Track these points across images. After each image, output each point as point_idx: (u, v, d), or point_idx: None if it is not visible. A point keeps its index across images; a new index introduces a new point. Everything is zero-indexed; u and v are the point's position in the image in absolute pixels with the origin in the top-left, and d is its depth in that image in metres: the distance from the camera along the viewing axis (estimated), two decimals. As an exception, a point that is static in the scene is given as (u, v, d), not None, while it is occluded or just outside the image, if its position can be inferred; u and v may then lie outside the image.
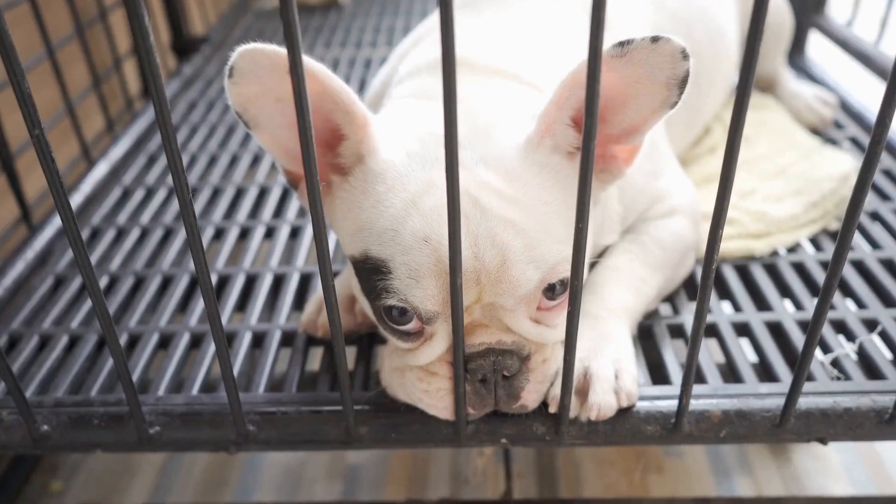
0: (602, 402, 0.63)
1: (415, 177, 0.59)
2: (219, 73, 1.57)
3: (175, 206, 1.10)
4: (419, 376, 0.63)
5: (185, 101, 1.45)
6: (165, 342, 0.83)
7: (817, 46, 1.47)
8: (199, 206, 1.09)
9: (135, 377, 0.77)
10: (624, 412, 0.66)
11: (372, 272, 0.60)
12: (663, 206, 0.81)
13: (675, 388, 0.69)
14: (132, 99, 1.50)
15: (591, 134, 0.48)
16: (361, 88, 1.45)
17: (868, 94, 1.24)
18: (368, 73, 1.51)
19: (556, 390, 0.64)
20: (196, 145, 1.27)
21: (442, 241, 0.57)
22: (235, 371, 0.77)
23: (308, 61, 0.56)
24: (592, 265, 0.76)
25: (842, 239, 0.55)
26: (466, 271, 0.57)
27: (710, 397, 0.68)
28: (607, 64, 0.54)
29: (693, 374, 0.62)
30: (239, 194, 1.12)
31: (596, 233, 0.73)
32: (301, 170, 0.63)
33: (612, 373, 0.65)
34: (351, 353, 0.80)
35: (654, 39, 0.53)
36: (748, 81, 0.48)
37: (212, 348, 0.80)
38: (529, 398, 0.62)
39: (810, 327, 0.59)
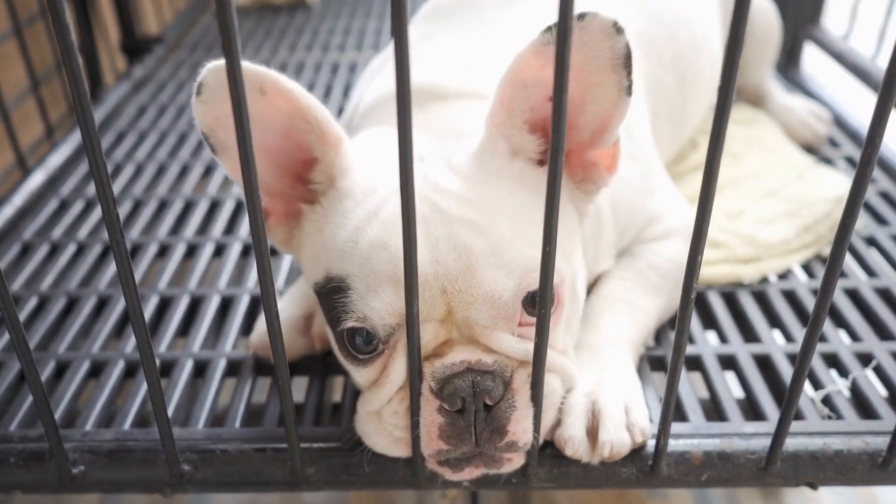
0: (615, 440, 0.62)
1: (381, 189, 0.60)
2: (172, 76, 1.56)
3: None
4: (395, 410, 0.61)
5: (135, 106, 1.43)
6: (97, 370, 0.81)
7: (812, 60, 1.48)
8: (143, 219, 1.07)
9: (61, 408, 0.75)
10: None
11: (332, 293, 0.60)
12: (658, 227, 0.81)
13: (653, 427, 0.68)
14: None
15: (558, 147, 0.48)
16: (327, 94, 1.44)
17: (865, 111, 1.25)
18: (335, 78, 1.51)
19: (569, 430, 0.62)
20: (143, 154, 1.25)
21: (400, 247, 0.55)
22: (173, 404, 0.75)
23: (278, 78, 0.57)
24: (588, 293, 0.76)
25: (830, 265, 0.54)
26: (427, 277, 0.56)
27: (692, 437, 0.67)
28: (542, 56, 0.55)
29: (671, 411, 0.61)
30: (188, 207, 1.10)
31: (592, 258, 0.72)
32: (273, 205, 0.64)
33: (622, 408, 0.64)
34: (303, 383, 0.78)
35: (580, 17, 0.54)
36: (729, 85, 0.47)
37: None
38: (518, 429, 0.58)
39: (798, 361, 0.59)
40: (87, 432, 0.71)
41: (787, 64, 1.46)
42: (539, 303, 0.54)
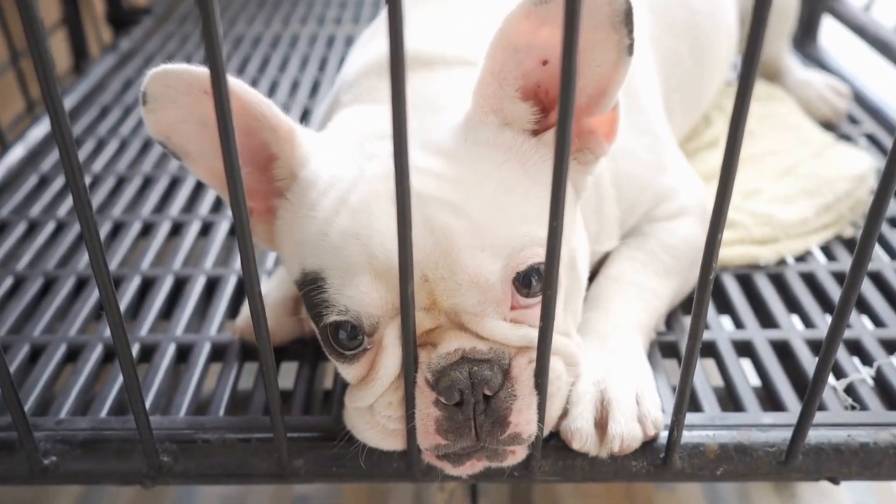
0: (626, 433, 0.59)
1: (346, 176, 0.58)
2: (161, 49, 1.52)
3: (100, 195, 1.04)
4: (389, 401, 0.58)
5: (121, 79, 1.40)
6: (74, 354, 0.78)
7: (830, 34, 1.43)
8: (126, 197, 1.04)
9: (35, 395, 0.72)
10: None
11: (310, 288, 0.58)
12: (671, 205, 0.77)
13: (665, 417, 0.64)
14: (60, 76, 1.44)
15: (567, 118, 0.44)
16: (322, 68, 1.40)
17: (887, 87, 1.21)
18: (331, 51, 1.47)
19: (576, 422, 0.59)
20: (128, 129, 1.22)
21: (372, 235, 0.54)
22: (153, 390, 0.72)
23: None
24: (592, 276, 0.72)
25: (861, 249, 0.51)
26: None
27: (706, 428, 0.64)
28: (535, 17, 0.52)
29: (686, 401, 0.58)
30: (174, 184, 1.07)
31: (594, 237, 0.69)
32: (252, 202, 0.62)
33: (633, 398, 0.61)
34: (292, 368, 0.75)
35: None
36: (754, 57, 0.44)
37: (127, 363, 0.75)
38: (521, 420, 0.55)
39: (823, 350, 0.55)
40: (61, 420, 0.68)
41: (804, 38, 1.41)
42: (545, 283, 0.51)
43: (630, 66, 0.56)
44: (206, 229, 0.97)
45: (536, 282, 0.56)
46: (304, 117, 1.21)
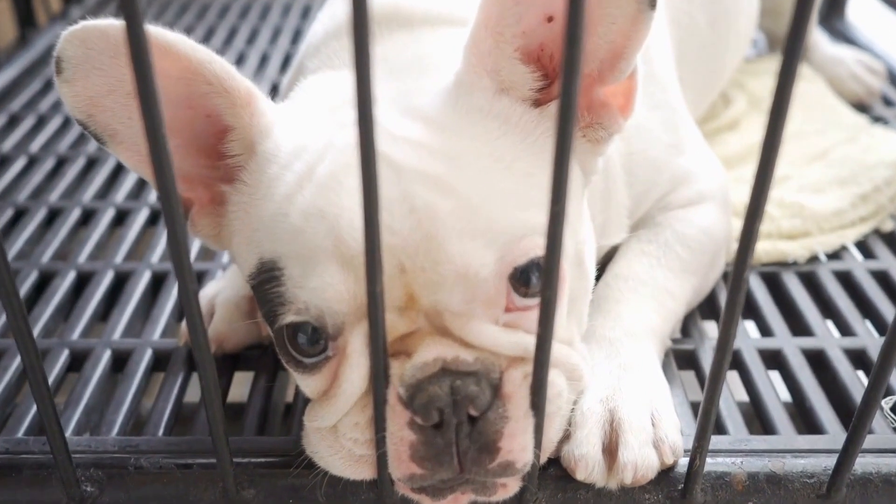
0: (639, 460, 0.53)
1: (313, 146, 0.52)
2: (115, 17, 1.45)
3: (36, 178, 0.97)
4: (355, 421, 0.51)
5: None
6: None
7: (858, 8, 1.39)
8: (66, 180, 0.98)
9: (-59, 410, 0.65)
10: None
11: (266, 282, 0.51)
12: (688, 191, 0.72)
13: (684, 441, 0.58)
14: (3, 48, 1.37)
15: (573, 64, 0.37)
16: (295, 40, 1.34)
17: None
18: (305, 23, 1.41)
19: (581, 447, 0.53)
20: None
21: (341, 213, 0.48)
22: (82, 404, 0.66)
23: (160, 32, 0.49)
24: (598, 274, 0.66)
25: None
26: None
27: (732, 454, 0.58)
28: None
29: (711, 423, 0.52)
30: (121, 167, 1.01)
31: (600, 229, 0.63)
32: (192, 193, 0.57)
33: (648, 418, 0.55)
34: (247, 379, 0.69)
35: None
36: (802, 24, 0.37)
37: (51, 372, 0.68)
38: (514, 446, 0.49)
39: (878, 365, 0.49)
40: (-31, 440, 0.61)
41: (829, 12, 1.37)
42: (544, 280, 0.44)
43: (651, 24, 0.50)
44: (154, 218, 0.91)
45: (537, 279, 0.49)
46: (273, 93, 1.14)
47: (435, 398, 0.47)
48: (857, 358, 0.69)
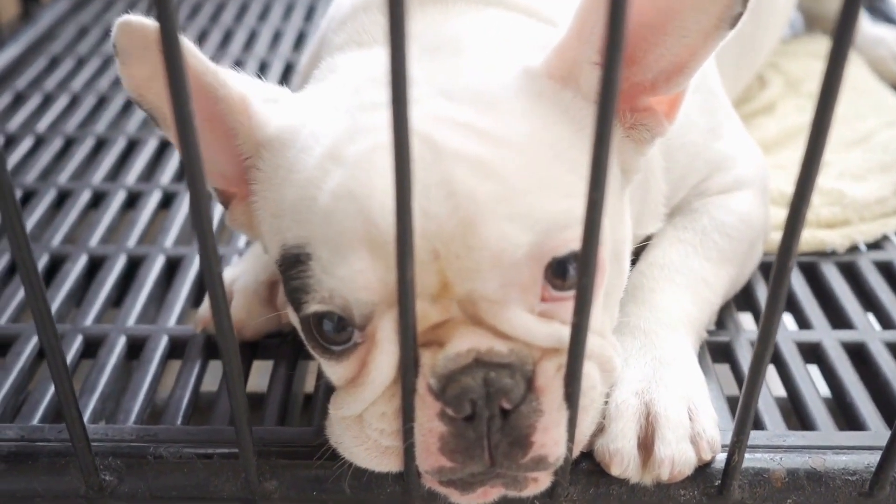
0: (677, 455, 0.54)
1: (335, 128, 0.52)
2: (123, -8, 1.46)
3: (44, 158, 0.98)
4: (382, 411, 0.52)
5: (75, 26, 1.36)
6: (3, 348, 0.73)
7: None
8: (75, 161, 1.00)
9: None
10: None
11: (290, 268, 0.52)
12: (726, 176, 0.73)
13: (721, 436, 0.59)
14: (5, 23, 1.38)
15: (614, 59, 0.38)
16: (308, 17, 1.35)
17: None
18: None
19: (616, 441, 0.54)
20: (81, 83, 1.18)
21: (373, 195, 0.48)
22: (97, 392, 0.67)
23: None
24: (633, 261, 0.67)
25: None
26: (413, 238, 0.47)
27: (770, 450, 0.59)
28: None
29: (751, 418, 0.52)
30: (131, 148, 1.03)
31: (635, 218, 0.64)
32: (230, 186, 0.60)
33: (685, 412, 0.56)
34: (266, 368, 0.71)
35: None
36: None
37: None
38: (547, 440, 0.50)
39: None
40: (-16, 427, 0.62)
41: (870, -10, 1.36)
42: (580, 267, 0.44)
43: (721, 43, 0.51)
44: (167, 200, 0.93)
45: (574, 271, 0.50)
46: (287, 73, 1.14)
47: (468, 390, 0.48)
48: (898, 349, 0.70)
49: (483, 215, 0.47)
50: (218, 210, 0.87)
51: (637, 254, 0.69)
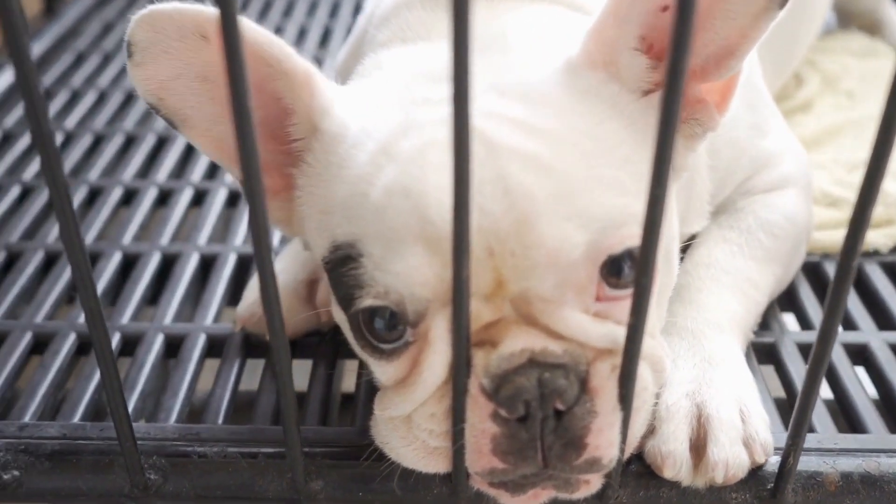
0: (730, 458, 0.54)
1: (387, 124, 0.52)
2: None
3: (74, 156, 0.99)
4: (431, 412, 0.52)
5: (100, 22, 1.37)
6: (42, 345, 0.73)
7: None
8: (106, 158, 1.00)
9: (-7, 394, 0.67)
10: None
11: (341, 264, 0.52)
12: (771, 174, 0.73)
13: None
14: (29, 19, 1.39)
15: (685, 39, 0.37)
16: (333, 13, 1.35)
17: None
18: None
19: (668, 443, 0.54)
20: (108, 78, 1.19)
21: (427, 191, 0.48)
22: (136, 390, 0.67)
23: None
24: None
25: None
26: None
27: (823, 453, 0.58)
28: None
29: (808, 420, 0.52)
30: (161, 144, 1.03)
31: (680, 216, 0.64)
32: (266, 180, 0.57)
33: (738, 415, 0.56)
34: (305, 367, 0.70)
35: None
36: None
37: (105, 356, 0.70)
38: (601, 442, 0.49)
39: None
40: (25, 425, 0.63)
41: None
42: (639, 267, 0.44)
43: (771, 25, 0.50)
44: (199, 198, 0.93)
45: (629, 269, 0.50)
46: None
47: (522, 390, 0.48)
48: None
49: (539, 213, 0.47)
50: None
51: (682, 253, 0.69)
